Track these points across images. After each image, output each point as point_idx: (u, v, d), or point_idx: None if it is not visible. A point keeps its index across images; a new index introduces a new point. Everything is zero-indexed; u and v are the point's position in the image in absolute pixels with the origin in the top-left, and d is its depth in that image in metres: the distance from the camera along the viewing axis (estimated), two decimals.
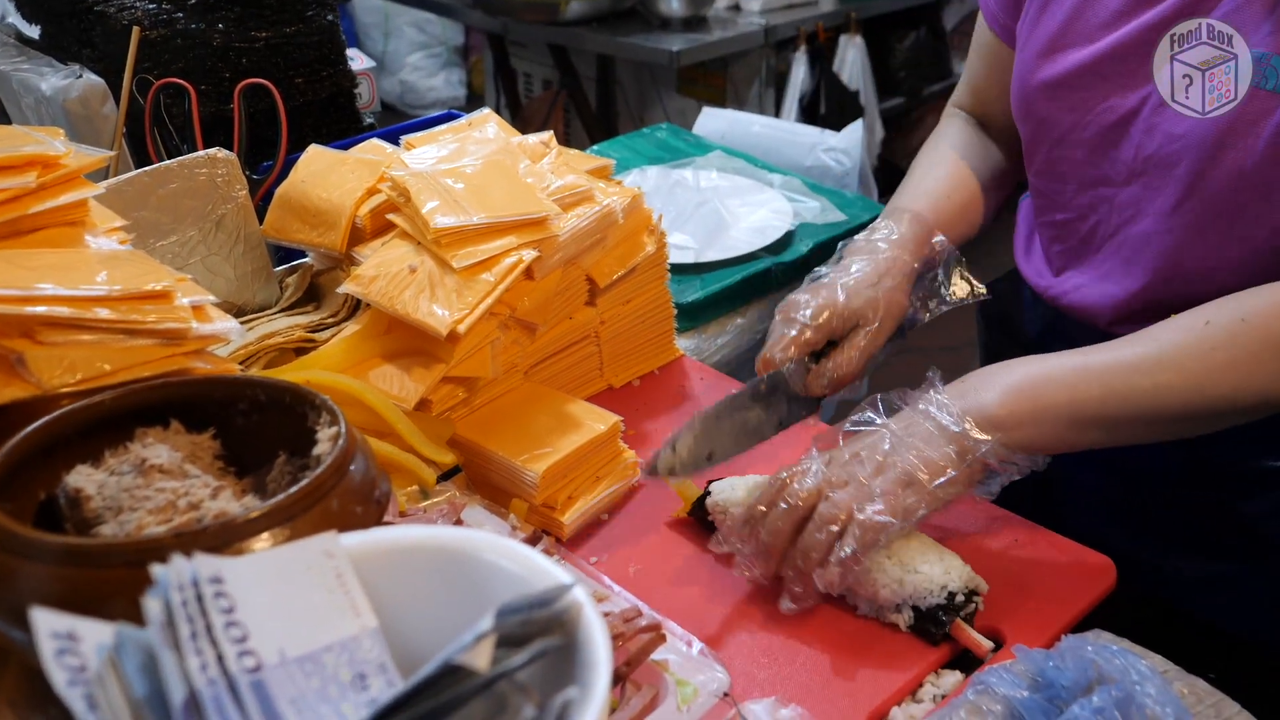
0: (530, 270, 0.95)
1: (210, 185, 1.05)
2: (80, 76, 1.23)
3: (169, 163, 1.03)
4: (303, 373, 0.89)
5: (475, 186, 0.97)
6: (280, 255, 1.17)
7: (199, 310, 0.73)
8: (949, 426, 0.79)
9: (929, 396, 0.82)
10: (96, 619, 0.42)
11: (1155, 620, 0.94)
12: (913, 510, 0.78)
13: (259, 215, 1.09)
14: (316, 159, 1.10)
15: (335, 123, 1.42)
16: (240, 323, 0.96)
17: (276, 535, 0.54)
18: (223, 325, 0.74)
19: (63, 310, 0.66)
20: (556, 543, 0.89)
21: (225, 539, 0.53)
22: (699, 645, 0.75)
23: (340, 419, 0.62)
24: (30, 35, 1.43)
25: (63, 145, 0.77)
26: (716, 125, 2.03)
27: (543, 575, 0.49)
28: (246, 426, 0.66)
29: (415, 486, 0.87)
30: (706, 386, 1.11)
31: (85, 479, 0.59)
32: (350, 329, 0.96)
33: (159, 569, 0.42)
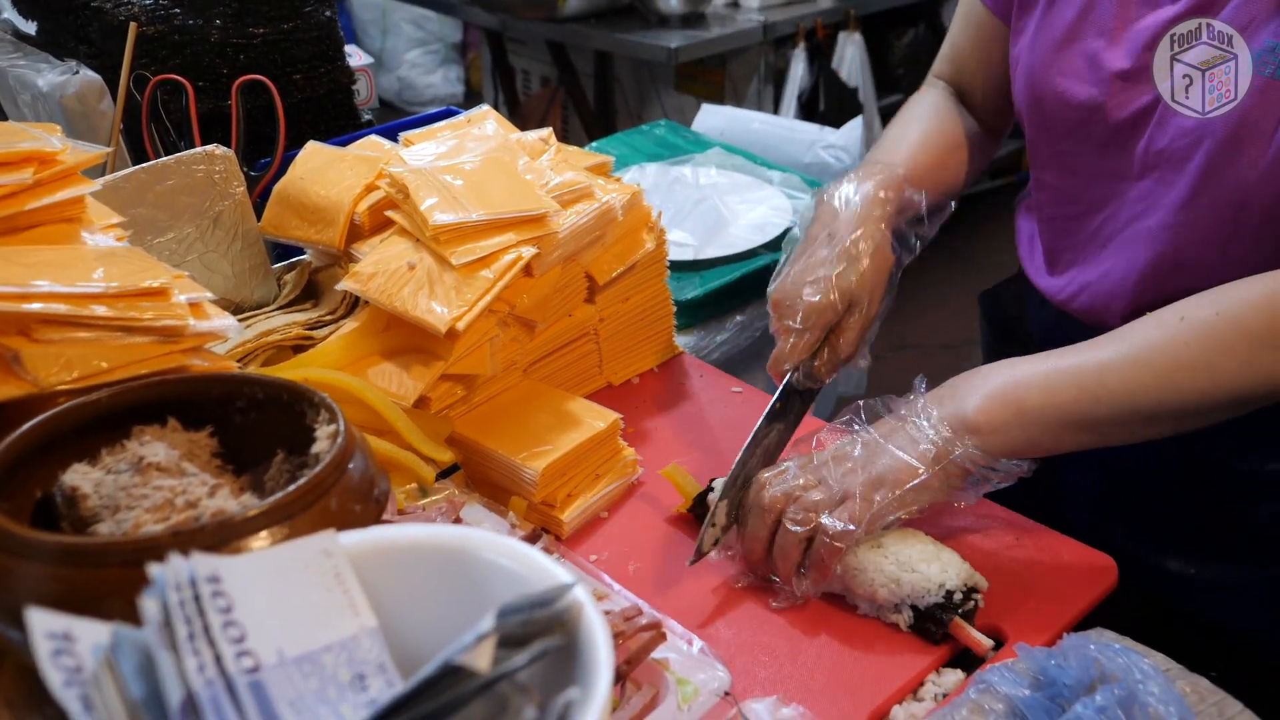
0: (529, 267, 0.95)
1: (208, 182, 1.04)
2: (77, 73, 1.23)
3: (166, 159, 1.03)
4: (301, 370, 0.89)
5: (474, 183, 0.97)
6: (278, 252, 1.16)
7: (196, 307, 0.73)
8: (926, 431, 0.79)
9: (910, 402, 0.82)
10: (93, 619, 0.42)
11: (1156, 619, 0.93)
12: (883, 514, 0.78)
13: (257, 212, 1.09)
14: (314, 155, 1.09)
15: (333, 119, 1.42)
16: (238, 320, 0.95)
17: (275, 534, 0.54)
18: (220, 322, 0.74)
19: (59, 307, 0.66)
20: (556, 541, 0.89)
21: (223, 537, 0.52)
22: (700, 644, 0.74)
23: (339, 417, 0.61)
24: (27, 31, 1.42)
25: (59, 141, 0.77)
26: (716, 122, 2.02)
27: (543, 574, 0.49)
28: (244, 424, 0.65)
29: (414, 484, 0.86)
30: (706, 384, 1.11)
31: (82, 477, 0.59)
32: (348, 326, 0.96)
33: (156, 568, 0.42)
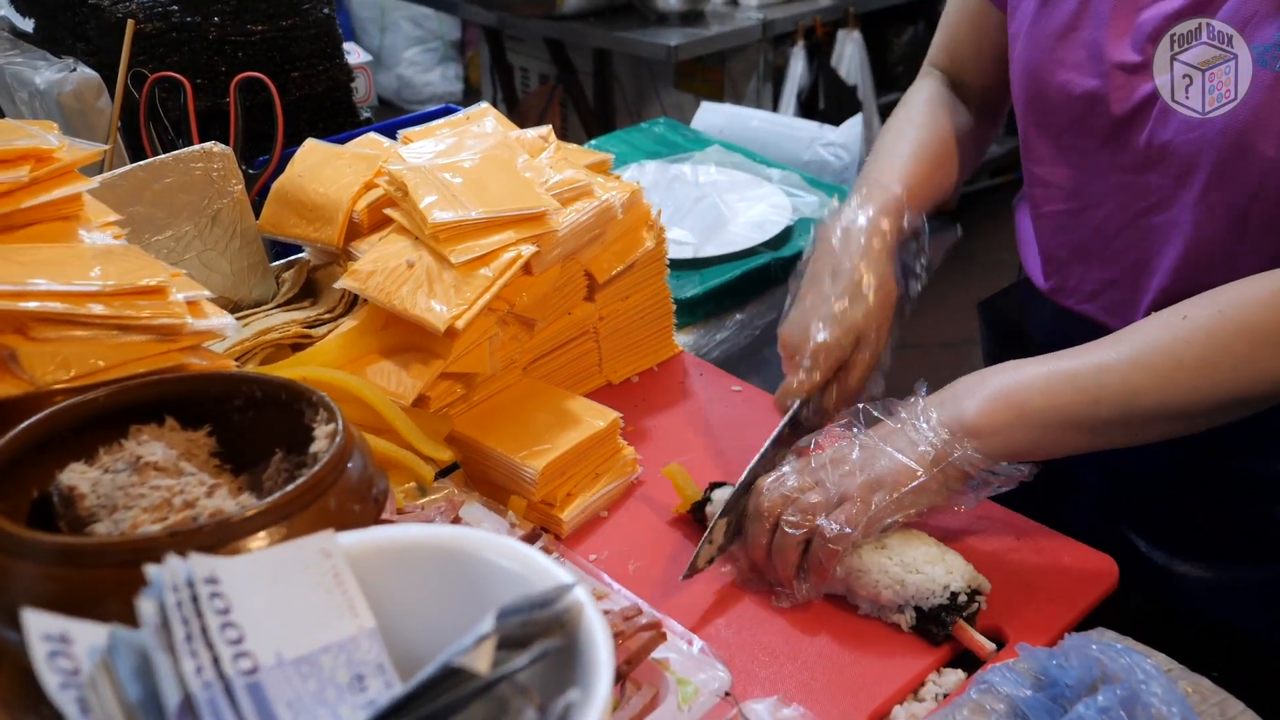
0: (529, 265, 0.94)
1: (206, 180, 1.04)
2: (75, 70, 1.22)
3: (164, 157, 1.03)
4: (299, 369, 0.89)
5: (473, 181, 0.96)
6: (276, 250, 1.16)
7: (194, 306, 0.72)
8: (925, 433, 0.79)
9: (910, 405, 0.82)
10: (90, 620, 0.42)
11: (1157, 619, 0.93)
12: (880, 517, 0.78)
13: (255, 210, 1.08)
14: (313, 153, 1.09)
15: (332, 117, 1.42)
16: (236, 318, 0.95)
17: (273, 534, 0.53)
18: (218, 321, 0.73)
19: (56, 306, 0.65)
20: (555, 540, 0.89)
21: (221, 538, 0.52)
22: (700, 644, 0.74)
23: (337, 416, 0.61)
24: (24, 29, 1.42)
25: (56, 139, 0.77)
26: (715, 120, 2.02)
27: (543, 574, 0.49)
28: (242, 423, 0.65)
29: (413, 484, 0.86)
30: (706, 383, 1.11)
31: (79, 477, 0.58)
32: (347, 325, 0.96)
33: (153, 569, 0.41)
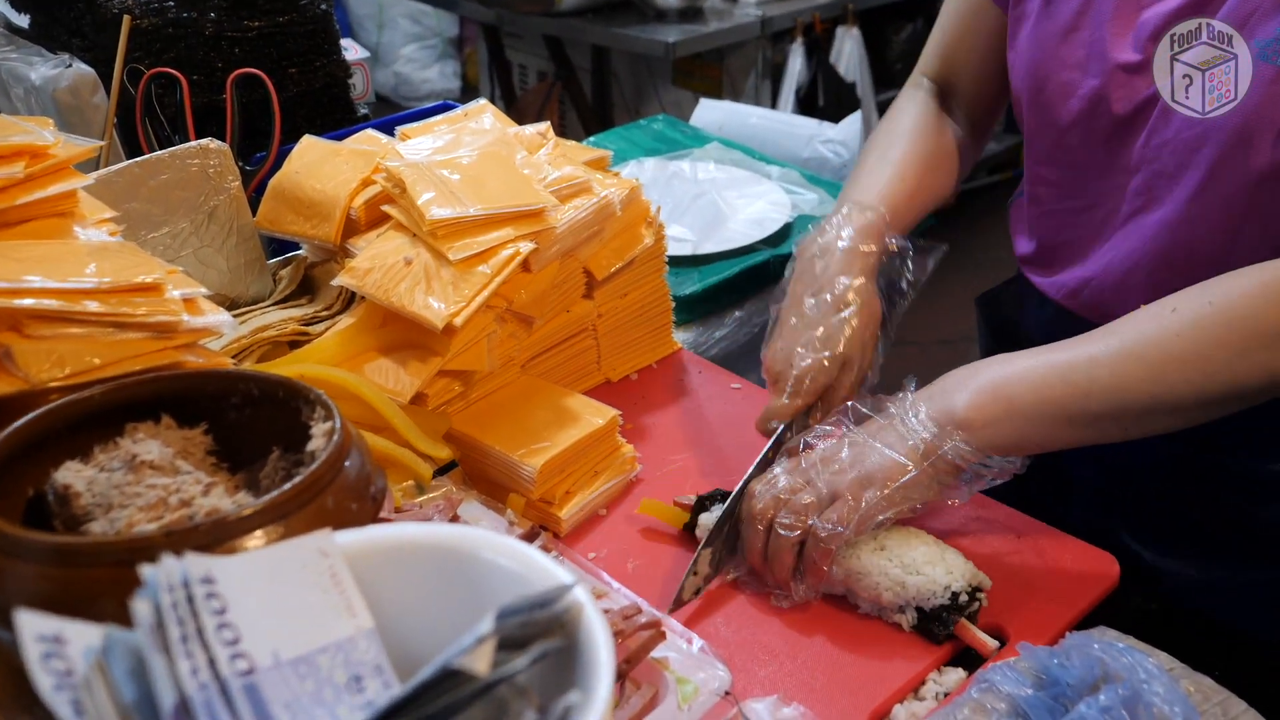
0: (527, 262, 0.94)
1: (202, 176, 1.03)
2: (70, 66, 1.22)
3: (160, 153, 1.02)
4: (297, 366, 0.89)
5: (471, 178, 0.96)
6: (274, 247, 1.16)
7: (190, 303, 0.72)
8: (914, 428, 0.79)
9: (899, 401, 0.82)
10: (85, 620, 0.41)
11: (1157, 617, 0.93)
12: (872, 513, 0.78)
13: (252, 207, 1.08)
14: (310, 150, 1.09)
15: (329, 113, 1.41)
16: (233, 316, 0.94)
17: (270, 533, 0.53)
18: (215, 318, 0.73)
19: (51, 303, 0.65)
20: (554, 538, 0.88)
21: (217, 537, 0.52)
22: (699, 642, 0.74)
23: (335, 414, 0.61)
24: (19, 24, 1.41)
25: (51, 135, 0.76)
26: (714, 117, 2.01)
27: (542, 574, 0.48)
28: (239, 421, 0.65)
29: (411, 482, 0.86)
30: (705, 380, 1.10)
31: (74, 475, 0.58)
32: (345, 322, 0.95)
33: (148, 569, 0.41)
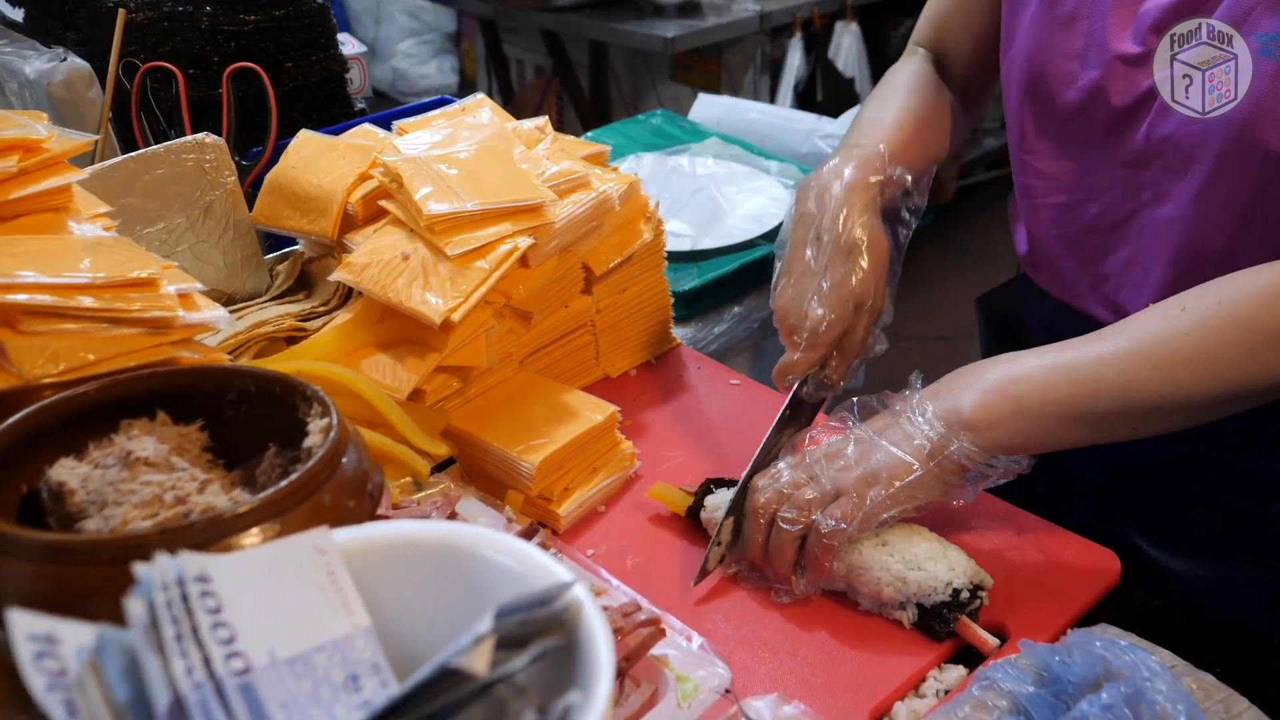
0: (525, 258, 0.93)
1: (198, 171, 1.03)
2: (65, 60, 1.21)
3: (156, 148, 1.01)
4: (293, 362, 0.88)
5: (469, 172, 0.95)
6: (270, 243, 1.15)
7: (186, 298, 0.72)
8: (921, 427, 0.78)
9: (905, 398, 0.81)
10: (79, 619, 0.41)
11: (1159, 615, 0.92)
12: (876, 511, 0.77)
13: (248, 202, 1.07)
14: (307, 144, 1.08)
15: (326, 108, 1.41)
16: (229, 311, 0.94)
17: (266, 530, 0.53)
18: (210, 314, 0.72)
19: (44, 298, 0.64)
20: (553, 535, 0.88)
21: (213, 534, 0.51)
22: (699, 640, 0.74)
23: (332, 410, 0.60)
24: (14, 18, 1.40)
25: (45, 129, 0.76)
26: (712, 111, 2.01)
27: (541, 572, 0.48)
28: (235, 418, 0.64)
29: (409, 478, 0.85)
30: (704, 376, 1.10)
31: (69, 472, 0.57)
32: (342, 318, 0.95)
33: (141, 568, 0.40)
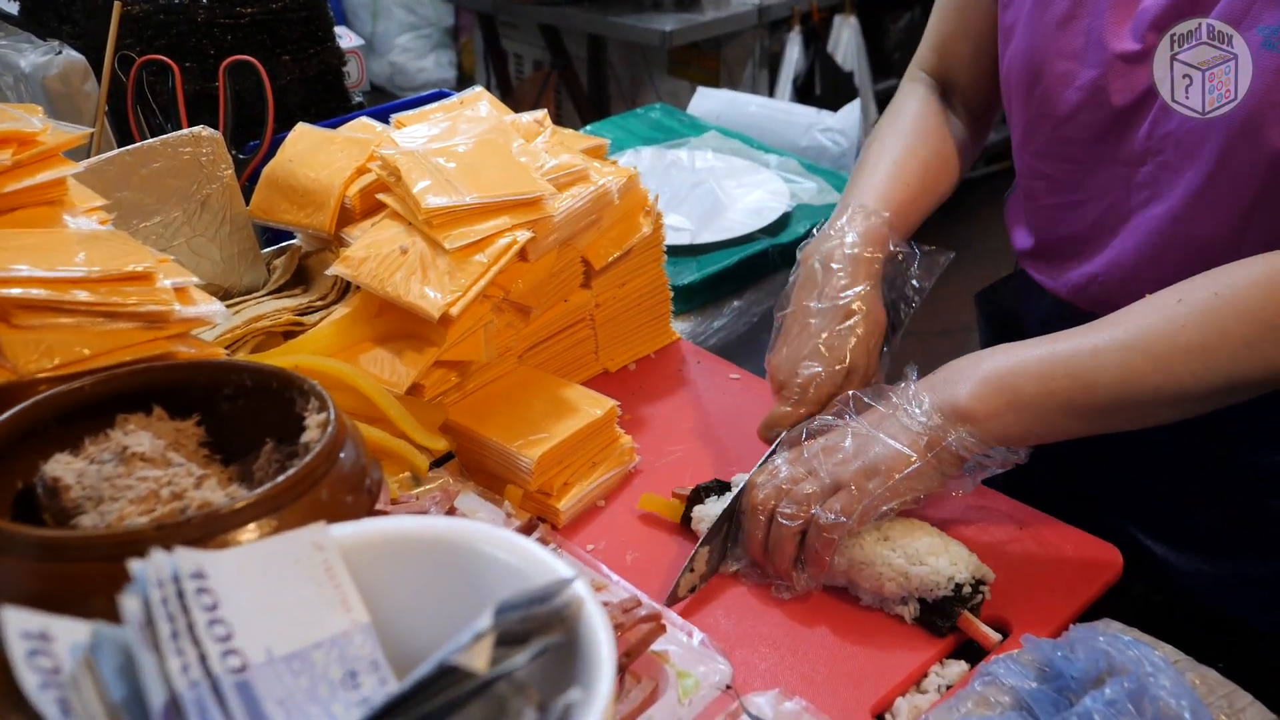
0: (524, 252, 0.93)
1: (195, 165, 1.02)
2: (60, 53, 1.20)
3: (152, 141, 1.01)
4: (291, 357, 0.88)
5: (468, 166, 0.95)
6: (267, 236, 1.14)
7: (182, 292, 0.71)
8: (918, 418, 0.78)
9: (901, 390, 0.81)
10: (74, 616, 0.40)
11: (1161, 608, 0.92)
12: (876, 504, 0.77)
13: (245, 195, 1.07)
14: (304, 138, 1.07)
15: (323, 101, 1.40)
16: (226, 306, 0.93)
17: (263, 526, 0.52)
18: (207, 308, 0.72)
19: (39, 292, 0.64)
20: (552, 530, 0.88)
21: (209, 530, 0.51)
22: (700, 636, 0.73)
23: (329, 404, 0.60)
24: (9, 11, 1.40)
25: (40, 122, 0.75)
26: (712, 105, 2.00)
27: (542, 568, 0.48)
28: (232, 413, 0.64)
29: (407, 473, 0.85)
30: (704, 370, 1.10)
31: (64, 468, 0.57)
32: (340, 312, 0.94)
33: (136, 564, 0.40)
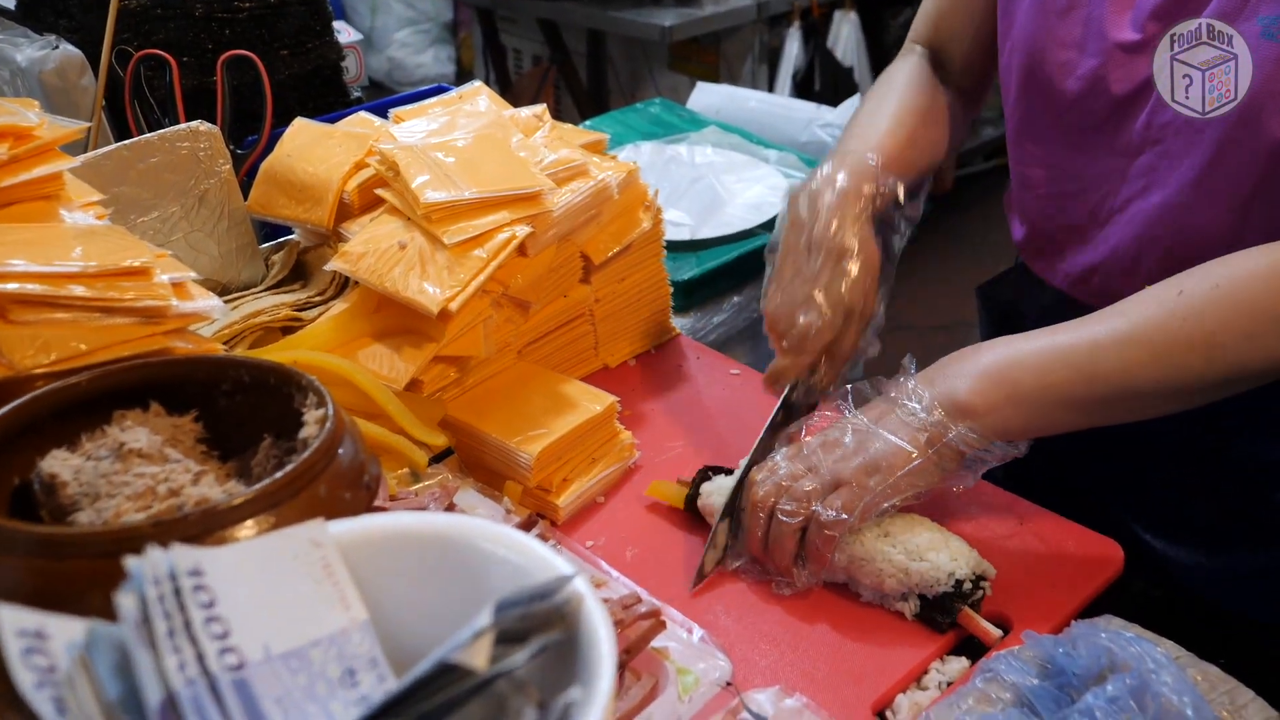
0: (523, 247, 0.93)
1: (193, 159, 1.02)
2: (57, 48, 1.20)
3: (149, 136, 1.00)
4: (289, 352, 0.87)
5: (466, 160, 0.94)
6: (266, 232, 1.14)
7: (180, 287, 0.71)
8: (918, 414, 0.78)
9: (900, 384, 0.81)
10: (71, 614, 0.40)
11: (1161, 604, 0.92)
12: (877, 501, 0.77)
13: (243, 191, 1.06)
14: (302, 132, 1.07)
15: (322, 96, 1.40)
16: (224, 301, 0.93)
17: (261, 523, 0.52)
18: (205, 303, 0.72)
19: (35, 287, 0.64)
20: (551, 526, 0.87)
21: (207, 527, 0.51)
22: (700, 632, 0.73)
23: (328, 400, 0.59)
24: (5, 5, 1.39)
25: (36, 116, 0.75)
26: (711, 100, 2.00)
27: (541, 565, 0.47)
28: (230, 408, 0.63)
29: (406, 469, 0.85)
30: (704, 366, 1.09)
31: (61, 464, 0.57)
32: (338, 307, 0.94)
33: (132, 562, 0.39)
